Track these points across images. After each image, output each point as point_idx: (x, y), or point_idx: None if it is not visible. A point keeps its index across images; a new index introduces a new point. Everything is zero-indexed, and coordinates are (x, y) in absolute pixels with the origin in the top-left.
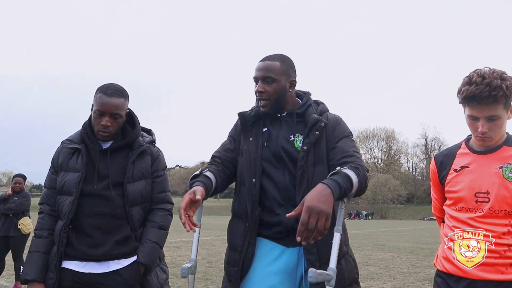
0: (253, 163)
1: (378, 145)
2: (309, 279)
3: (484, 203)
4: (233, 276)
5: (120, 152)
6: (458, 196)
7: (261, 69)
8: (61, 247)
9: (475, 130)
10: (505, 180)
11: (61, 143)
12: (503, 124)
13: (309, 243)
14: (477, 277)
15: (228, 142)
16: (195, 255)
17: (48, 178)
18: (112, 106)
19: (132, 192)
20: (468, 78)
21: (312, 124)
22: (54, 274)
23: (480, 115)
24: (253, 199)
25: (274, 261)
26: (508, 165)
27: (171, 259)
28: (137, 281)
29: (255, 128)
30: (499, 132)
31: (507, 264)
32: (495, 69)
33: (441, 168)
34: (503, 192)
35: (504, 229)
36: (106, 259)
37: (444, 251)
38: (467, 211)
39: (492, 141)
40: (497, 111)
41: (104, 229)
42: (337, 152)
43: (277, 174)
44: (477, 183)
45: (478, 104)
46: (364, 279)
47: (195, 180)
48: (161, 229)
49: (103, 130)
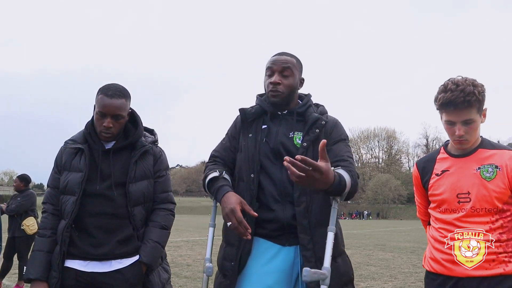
0: (252, 158)
1: (379, 145)
2: (304, 278)
3: (465, 203)
4: (229, 271)
5: (122, 152)
6: (441, 198)
7: (281, 61)
8: (64, 246)
9: (453, 134)
10: (483, 180)
11: (64, 143)
12: (477, 127)
13: (305, 240)
14: (463, 274)
15: (227, 141)
16: (210, 254)
17: (51, 177)
18: (113, 107)
19: (134, 192)
20: (443, 86)
21: (313, 122)
22: (57, 273)
23: (457, 119)
24: (251, 195)
25: (270, 260)
26: (485, 166)
27: (172, 258)
28: (139, 281)
29: (254, 124)
30: (475, 135)
31: (489, 260)
32: (467, 77)
33: (423, 173)
34: (483, 191)
35: (486, 227)
36: (109, 258)
37: (431, 252)
38: (451, 212)
39: (468, 143)
40: (472, 115)
41: (106, 228)
42: (332, 155)
43: (275, 170)
44: (458, 184)
45: (454, 110)
46: (365, 279)
47: (222, 184)
48: (163, 228)
49: (105, 131)
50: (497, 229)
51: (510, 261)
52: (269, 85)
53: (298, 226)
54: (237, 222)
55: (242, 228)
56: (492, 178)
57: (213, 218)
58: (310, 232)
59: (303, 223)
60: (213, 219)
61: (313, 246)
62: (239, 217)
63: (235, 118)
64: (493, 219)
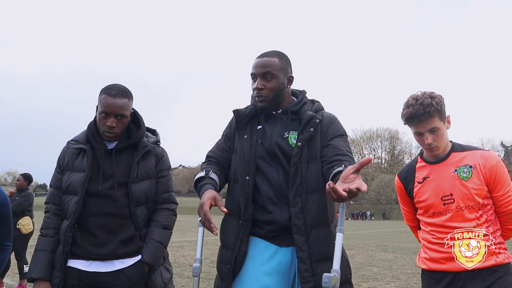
0: (247, 160)
1: (382, 145)
2: (325, 285)
3: (450, 204)
4: (225, 274)
5: (125, 152)
6: (427, 204)
7: (260, 65)
8: (67, 246)
9: (423, 143)
10: (461, 180)
11: (66, 143)
12: (443, 133)
13: (300, 241)
14: (460, 268)
15: (222, 142)
16: (200, 254)
17: (54, 177)
18: (116, 107)
19: (136, 192)
20: (406, 103)
21: (307, 121)
22: (60, 273)
23: (423, 129)
24: (246, 197)
25: (267, 261)
26: (460, 167)
27: (174, 258)
28: (142, 280)
29: (249, 125)
30: (442, 140)
31: (482, 253)
32: (425, 91)
33: (406, 183)
34: (463, 190)
35: (473, 223)
36: (111, 258)
37: (426, 253)
38: (438, 215)
39: (439, 150)
40: (435, 123)
41: (109, 228)
42: (330, 150)
43: (270, 171)
44: (440, 188)
45: (418, 122)
46: (367, 280)
47: (204, 182)
48: (165, 228)
49: (108, 131)
50: (483, 224)
51: (500, 252)
52: (254, 91)
53: (293, 227)
54: (203, 216)
55: (206, 223)
56: (469, 177)
57: None
58: (305, 233)
59: (298, 224)
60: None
61: (308, 247)
62: (205, 211)
63: (231, 119)
64: (478, 215)
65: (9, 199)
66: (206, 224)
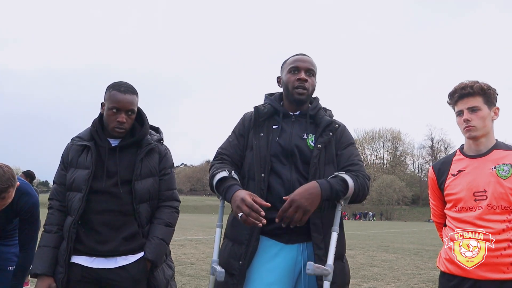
0: (263, 158)
1: (384, 146)
2: (307, 271)
3: (482, 200)
4: (237, 270)
5: (128, 150)
6: (458, 197)
7: (306, 61)
8: (71, 242)
9: (462, 124)
10: (499, 178)
11: (71, 140)
12: (485, 117)
13: (318, 239)
14: (480, 277)
15: (235, 139)
16: (217, 255)
17: (57, 174)
18: (127, 102)
19: (140, 189)
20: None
21: (326, 125)
22: (63, 269)
23: (463, 106)
24: (261, 194)
25: (273, 258)
26: (500, 165)
27: (175, 257)
28: (144, 277)
29: (266, 124)
30: (482, 123)
31: (507, 263)
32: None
33: (439, 175)
34: (499, 189)
35: (503, 225)
36: (114, 255)
37: (446, 253)
38: (467, 210)
39: (476, 131)
40: (476, 102)
41: (112, 225)
42: (343, 160)
43: (284, 171)
44: (474, 183)
45: (460, 98)
46: (368, 280)
47: (232, 183)
48: (168, 226)
49: (119, 127)
50: None
51: None
52: (295, 82)
53: (311, 226)
54: (248, 208)
55: (254, 213)
56: (508, 176)
57: (220, 219)
58: (322, 231)
59: (316, 223)
60: (221, 219)
61: (325, 245)
62: (250, 202)
63: (243, 116)
64: (510, 217)
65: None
66: (252, 215)
